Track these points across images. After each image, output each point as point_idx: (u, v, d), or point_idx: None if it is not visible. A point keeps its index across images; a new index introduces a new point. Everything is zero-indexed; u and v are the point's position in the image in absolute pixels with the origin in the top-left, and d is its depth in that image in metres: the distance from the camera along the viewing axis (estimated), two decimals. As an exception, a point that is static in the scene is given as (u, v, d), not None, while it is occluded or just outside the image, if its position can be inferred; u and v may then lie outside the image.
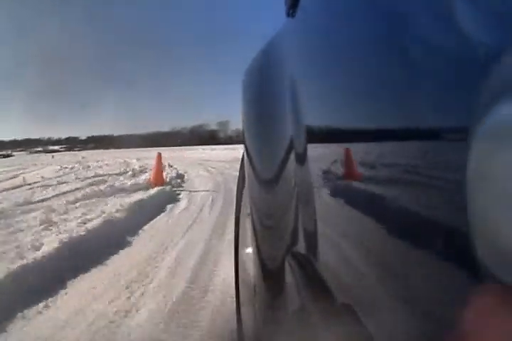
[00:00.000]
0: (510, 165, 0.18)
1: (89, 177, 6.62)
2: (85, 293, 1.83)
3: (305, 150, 0.55)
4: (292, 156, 0.60)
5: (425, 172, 0.29)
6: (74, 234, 2.43)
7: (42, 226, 2.77)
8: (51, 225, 2.81)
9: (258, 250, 0.81)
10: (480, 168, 0.20)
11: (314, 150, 0.53)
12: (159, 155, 5.60)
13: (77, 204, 3.72)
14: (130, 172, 6.95)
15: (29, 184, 6.17)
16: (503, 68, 0.20)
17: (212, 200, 4.27)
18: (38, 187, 5.72)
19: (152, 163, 6.30)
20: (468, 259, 0.22)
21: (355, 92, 0.43)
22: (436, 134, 0.27)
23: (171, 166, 8.54)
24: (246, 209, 1.19)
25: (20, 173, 8.89)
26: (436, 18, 0.27)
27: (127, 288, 1.90)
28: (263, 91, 0.84)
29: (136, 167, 8.53)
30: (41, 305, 1.70)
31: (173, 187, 5.31)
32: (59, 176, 7.54)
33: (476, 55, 0.22)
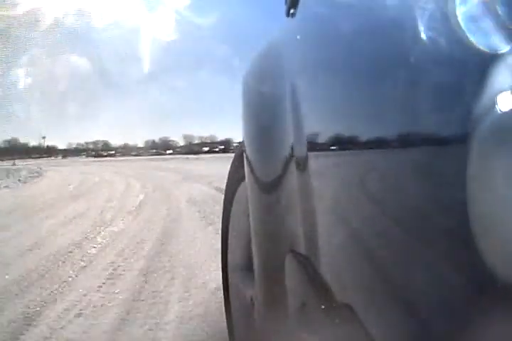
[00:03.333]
0: (510, 164, 0.18)
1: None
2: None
3: (306, 153, 0.54)
4: (293, 160, 0.59)
5: (427, 174, 0.29)
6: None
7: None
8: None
9: (258, 250, 0.81)
10: (480, 167, 0.20)
11: (315, 153, 0.53)
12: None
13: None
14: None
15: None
16: (503, 69, 0.20)
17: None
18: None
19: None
20: (469, 259, 0.22)
21: (357, 94, 0.43)
22: (437, 137, 0.27)
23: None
24: (237, 215, 1.18)
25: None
26: (437, 20, 0.27)
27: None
28: (263, 94, 0.84)
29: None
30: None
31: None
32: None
33: (476, 56, 0.23)
